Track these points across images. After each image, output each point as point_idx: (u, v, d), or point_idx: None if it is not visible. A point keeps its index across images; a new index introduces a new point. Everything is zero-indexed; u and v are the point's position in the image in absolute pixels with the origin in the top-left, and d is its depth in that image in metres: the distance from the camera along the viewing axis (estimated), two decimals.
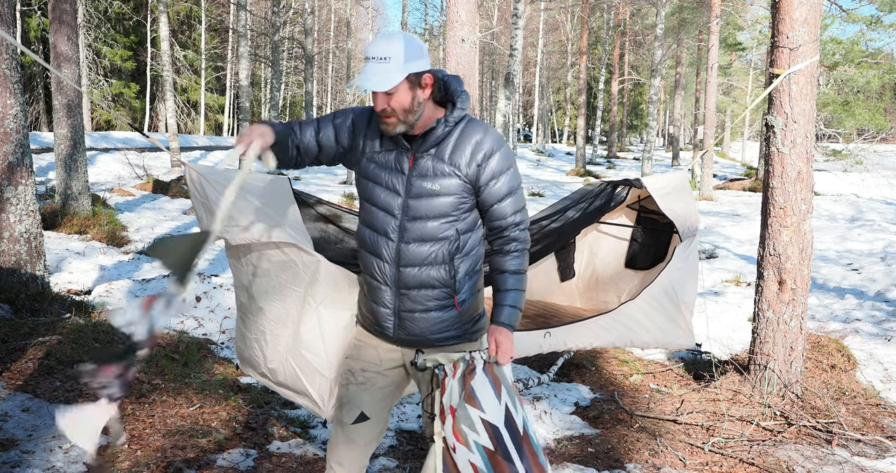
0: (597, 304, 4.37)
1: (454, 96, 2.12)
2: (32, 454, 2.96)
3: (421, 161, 2.11)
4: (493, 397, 2.06)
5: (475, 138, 2.10)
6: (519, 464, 2.03)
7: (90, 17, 24.97)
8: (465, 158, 2.09)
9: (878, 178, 17.75)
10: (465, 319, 2.23)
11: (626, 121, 45.37)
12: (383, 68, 1.97)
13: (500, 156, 2.11)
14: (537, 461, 2.06)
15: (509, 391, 2.08)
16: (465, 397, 2.07)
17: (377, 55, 1.97)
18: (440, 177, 2.09)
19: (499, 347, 2.11)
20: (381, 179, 2.15)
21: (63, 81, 8.67)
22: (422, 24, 34.07)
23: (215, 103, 35.46)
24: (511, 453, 2.04)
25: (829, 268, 9.21)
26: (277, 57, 19.08)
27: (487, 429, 2.05)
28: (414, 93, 2.02)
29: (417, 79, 2.02)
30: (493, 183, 2.11)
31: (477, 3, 5.58)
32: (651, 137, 19.64)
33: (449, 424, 2.10)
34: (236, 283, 2.63)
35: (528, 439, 2.06)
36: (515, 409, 2.07)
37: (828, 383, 4.42)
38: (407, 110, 2.03)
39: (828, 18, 16.52)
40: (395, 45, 1.97)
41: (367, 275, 2.24)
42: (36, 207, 5.28)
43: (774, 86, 4.10)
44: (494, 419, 2.05)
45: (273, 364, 2.59)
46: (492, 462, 2.05)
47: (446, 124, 2.09)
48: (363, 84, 1.98)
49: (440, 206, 2.10)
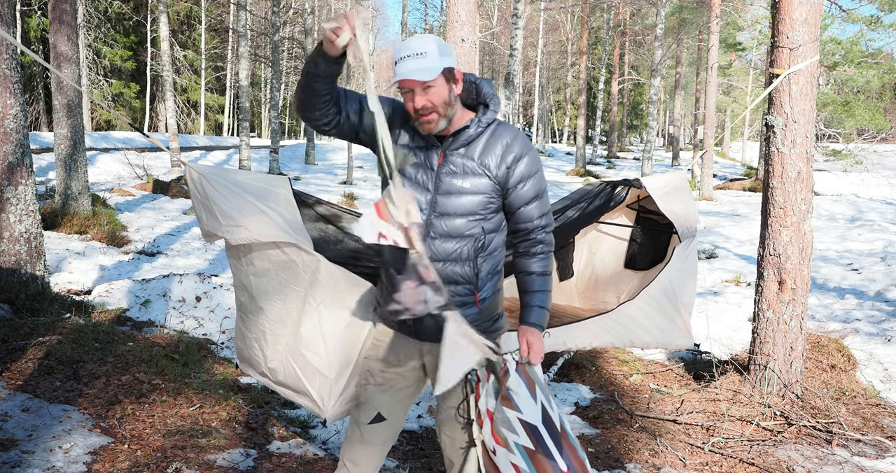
0: (596, 304, 4.37)
1: (487, 99, 2.17)
2: (32, 454, 2.96)
3: (451, 158, 2.14)
4: (529, 397, 2.09)
5: (505, 140, 2.14)
6: (560, 461, 2.06)
7: (90, 17, 24.97)
8: (495, 159, 2.13)
9: (878, 178, 17.75)
10: (486, 317, 2.25)
11: (626, 121, 45.37)
12: (423, 61, 2.01)
13: (528, 159, 2.15)
14: (577, 456, 2.09)
15: (544, 390, 2.11)
16: (502, 400, 2.10)
17: (413, 51, 2.01)
18: (470, 176, 2.13)
19: (531, 348, 2.15)
20: (409, 174, 2.18)
21: (63, 81, 8.68)
22: (422, 24, 34.06)
23: (215, 103, 35.48)
24: (552, 450, 2.07)
25: (829, 268, 9.21)
26: (277, 57, 19.09)
27: (526, 429, 2.07)
28: (450, 86, 2.08)
29: (451, 75, 2.08)
30: (522, 185, 2.15)
31: (477, 3, 5.58)
32: (651, 137, 19.64)
33: (487, 428, 2.13)
34: (236, 283, 2.63)
35: (567, 435, 2.09)
36: (552, 407, 2.09)
37: (828, 383, 4.42)
38: (446, 103, 2.07)
39: (828, 18, 16.52)
40: (429, 41, 2.03)
41: (393, 269, 2.21)
42: (36, 207, 5.29)
43: (774, 86, 4.10)
44: (532, 418, 2.07)
45: (273, 363, 2.59)
46: (533, 462, 2.07)
47: (479, 124, 2.14)
48: (409, 75, 1.99)
49: (469, 204, 2.13)
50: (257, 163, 20.06)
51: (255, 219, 2.43)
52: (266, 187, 2.55)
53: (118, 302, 5.71)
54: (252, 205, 2.45)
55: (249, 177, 2.56)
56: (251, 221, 2.42)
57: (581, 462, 2.09)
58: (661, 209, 3.64)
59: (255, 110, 38.55)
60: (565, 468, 2.06)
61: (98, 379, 3.78)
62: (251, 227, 2.41)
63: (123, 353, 4.15)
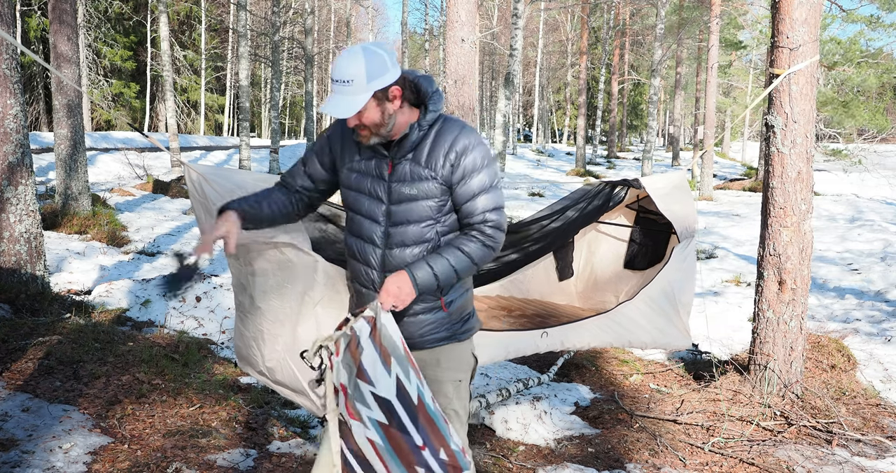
0: (595, 304, 4.37)
1: (426, 98, 2.11)
2: (32, 454, 2.96)
3: (399, 166, 2.12)
4: (383, 370, 2.04)
5: (450, 138, 2.10)
6: (416, 434, 2.03)
7: (90, 17, 24.96)
8: (440, 159, 2.09)
9: (878, 178, 17.74)
10: (455, 319, 2.24)
11: (626, 121, 45.35)
12: (348, 91, 1.98)
13: (474, 154, 2.09)
14: (435, 429, 2.05)
15: (400, 361, 2.04)
16: (357, 373, 2.06)
17: (340, 78, 1.98)
18: (417, 182, 2.10)
19: (387, 289, 2.04)
20: (363, 187, 2.17)
21: (63, 81, 8.67)
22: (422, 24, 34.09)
23: (215, 103, 35.47)
24: (406, 424, 2.04)
25: (829, 268, 9.21)
26: (277, 57, 19.09)
27: (379, 404, 2.05)
28: (383, 107, 2.03)
29: (384, 95, 2.02)
30: (467, 180, 2.10)
31: (477, 3, 5.58)
32: (651, 137, 19.64)
33: (342, 401, 2.11)
34: (235, 283, 2.63)
35: (424, 407, 2.05)
36: (408, 379, 2.04)
37: (828, 383, 4.42)
38: (378, 124, 2.04)
39: (828, 18, 16.51)
40: (356, 65, 1.97)
41: (357, 283, 2.26)
42: (36, 207, 5.29)
43: (774, 86, 4.10)
44: (386, 392, 2.04)
45: (271, 362, 2.59)
46: (388, 436, 2.06)
47: (420, 128, 2.10)
48: (329, 110, 2.00)
49: (420, 210, 2.11)
50: (257, 163, 20.05)
51: None
52: (265, 187, 2.55)
53: (118, 302, 5.71)
54: None
55: (249, 177, 2.56)
56: None
57: (440, 434, 2.05)
58: (660, 209, 3.65)
59: (255, 110, 38.55)
60: (421, 442, 2.04)
61: (98, 379, 3.78)
62: None
63: (123, 353, 4.15)
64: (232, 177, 2.52)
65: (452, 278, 2.10)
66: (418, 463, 2.05)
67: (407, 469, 2.07)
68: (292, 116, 44.95)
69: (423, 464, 2.04)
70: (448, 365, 2.26)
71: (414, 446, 2.04)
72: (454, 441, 2.07)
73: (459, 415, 2.30)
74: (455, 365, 2.28)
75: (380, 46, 2.03)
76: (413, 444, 2.04)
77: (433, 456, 2.04)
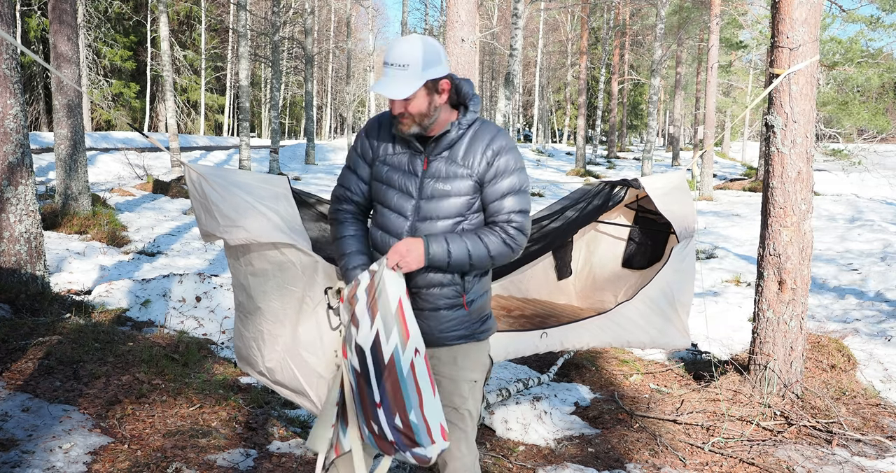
0: (594, 304, 4.37)
1: (466, 99, 2.17)
2: (32, 454, 2.96)
3: (434, 163, 2.16)
4: (368, 321, 2.11)
5: (488, 137, 2.15)
6: (376, 390, 2.08)
7: (90, 17, 24.96)
8: (477, 156, 2.14)
9: (878, 178, 17.73)
10: (474, 319, 2.27)
11: (626, 121, 45.36)
12: (402, 75, 2.01)
13: (508, 156, 2.15)
14: (398, 394, 2.06)
15: (386, 318, 2.08)
16: (352, 319, 2.16)
17: (396, 62, 2.01)
18: (452, 179, 2.14)
19: (397, 248, 2.07)
20: (394, 182, 2.20)
21: (63, 81, 8.67)
22: (422, 24, 34.06)
23: (215, 103, 35.49)
24: (371, 377, 2.09)
25: (829, 268, 9.21)
26: (277, 57, 19.10)
27: (357, 350, 2.13)
28: (431, 98, 2.07)
29: (435, 86, 2.07)
30: (498, 180, 2.15)
31: (477, 3, 5.58)
32: (651, 137, 19.64)
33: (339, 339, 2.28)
34: (235, 283, 2.63)
35: (395, 370, 2.07)
36: (387, 339, 2.08)
37: (828, 383, 4.42)
38: (423, 114, 2.08)
39: (828, 18, 16.51)
40: (415, 51, 2.01)
41: None
42: (36, 207, 5.29)
43: (774, 86, 4.10)
44: (363, 341, 2.11)
45: (271, 363, 2.59)
46: (357, 383, 2.15)
47: (459, 127, 2.14)
48: (382, 90, 2.02)
49: (450, 207, 2.14)
50: (257, 163, 20.05)
51: (253, 220, 2.42)
52: (265, 187, 2.55)
53: (118, 302, 5.71)
54: (250, 206, 2.44)
55: (248, 178, 2.56)
56: (249, 222, 2.42)
57: (401, 402, 2.06)
58: (660, 209, 3.64)
59: (255, 110, 38.56)
60: (378, 400, 2.07)
61: (98, 379, 3.78)
62: (249, 228, 2.41)
63: (123, 353, 4.15)
64: (232, 177, 2.52)
65: (465, 262, 2.11)
66: (373, 419, 2.11)
67: (366, 420, 2.14)
68: (292, 116, 44.95)
69: (377, 422, 2.10)
70: (465, 365, 2.29)
71: (372, 401, 2.10)
72: (419, 414, 2.06)
73: (473, 416, 2.33)
74: (472, 364, 2.31)
75: (436, 41, 2.08)
76: (371, 399, 2.10)
77: (387, 418, 2.08)
